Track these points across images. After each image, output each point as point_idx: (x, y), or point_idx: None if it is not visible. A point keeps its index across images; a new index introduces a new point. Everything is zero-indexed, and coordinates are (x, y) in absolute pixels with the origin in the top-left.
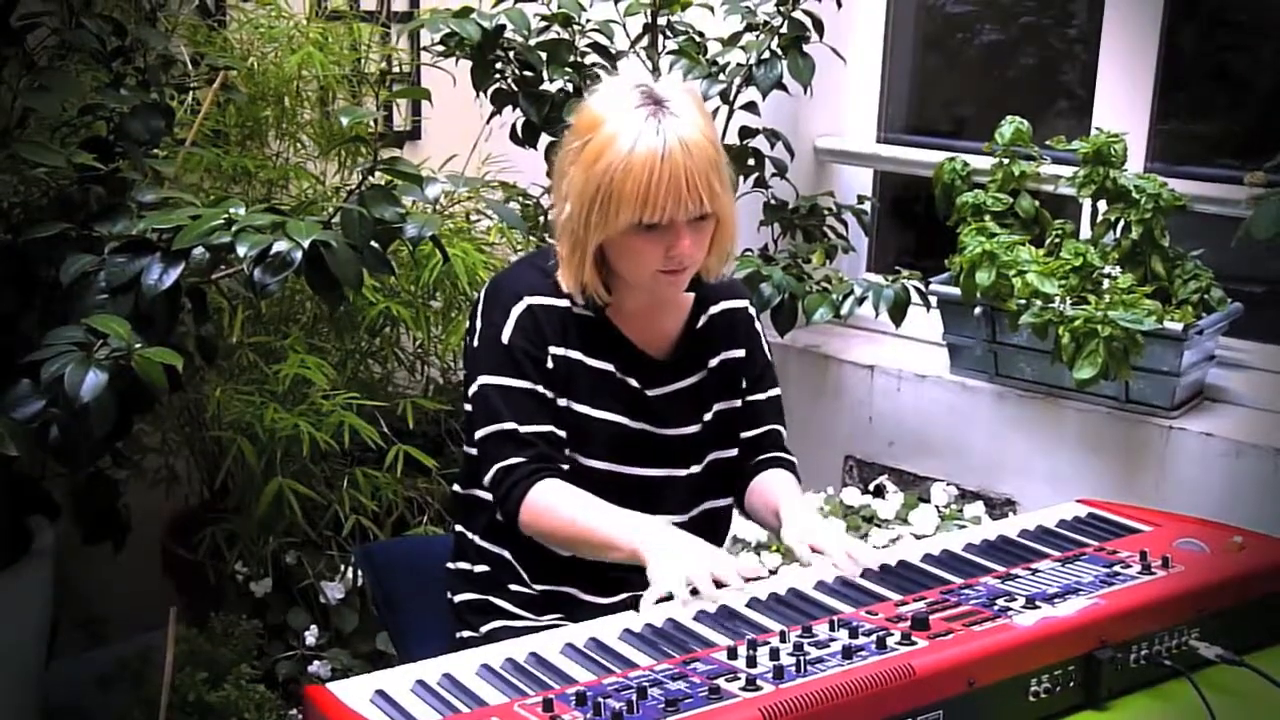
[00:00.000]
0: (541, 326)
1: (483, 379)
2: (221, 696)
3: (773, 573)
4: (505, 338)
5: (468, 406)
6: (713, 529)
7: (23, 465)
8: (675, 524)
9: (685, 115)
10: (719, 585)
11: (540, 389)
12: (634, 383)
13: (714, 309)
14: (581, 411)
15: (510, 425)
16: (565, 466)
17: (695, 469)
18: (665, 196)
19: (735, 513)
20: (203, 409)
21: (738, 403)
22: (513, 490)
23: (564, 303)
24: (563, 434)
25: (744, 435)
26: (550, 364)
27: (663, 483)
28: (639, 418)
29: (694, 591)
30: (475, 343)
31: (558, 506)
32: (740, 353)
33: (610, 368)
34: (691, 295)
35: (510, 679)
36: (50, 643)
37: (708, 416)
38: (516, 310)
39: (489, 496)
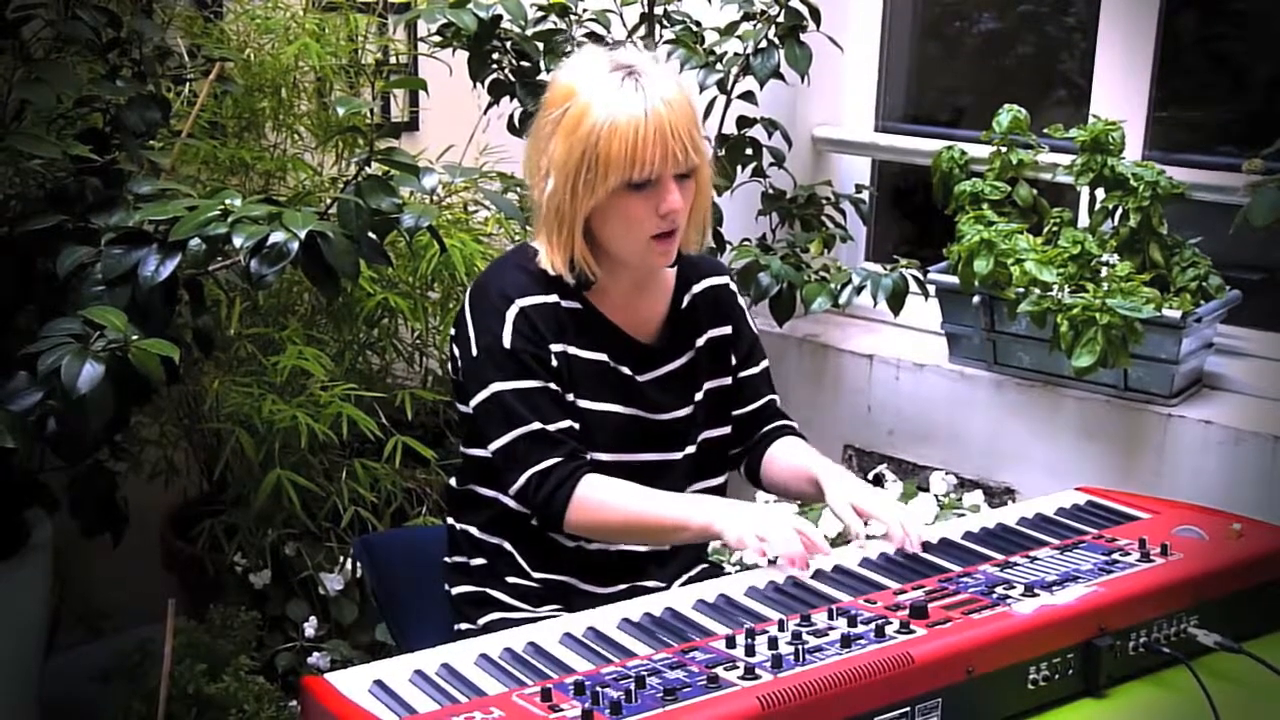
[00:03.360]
0: (538, 326)
1: (495, 386)
2: (221, 688)
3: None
4: (507, 342)
5: (465, 409)
6: None
7: (20, 458)
8: None
9: (658, 75)
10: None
11: (553, 386)
12: (626, 370)
13: (696, 287)
14: (584, 406)
15: (537, 426)
16: (591, 460)
17: (689, 450)
18: (653, 151)
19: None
20: (201, 401)
21: (728, 380)
22: (557, 492)
23: (552, 299)
24: (579, 428)
25: (744, 410)
26: (554, 362)
27: (657, 467)
28: (631, 404)
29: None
30: (475, 352)
31: (612, 499)
32: (727, 329)
33: (604, 358)
34: (674, 274)
35: (509, 669)
36: (49, 636)
37: (698, 396)
38: (510, 313)
39: (488, 493)
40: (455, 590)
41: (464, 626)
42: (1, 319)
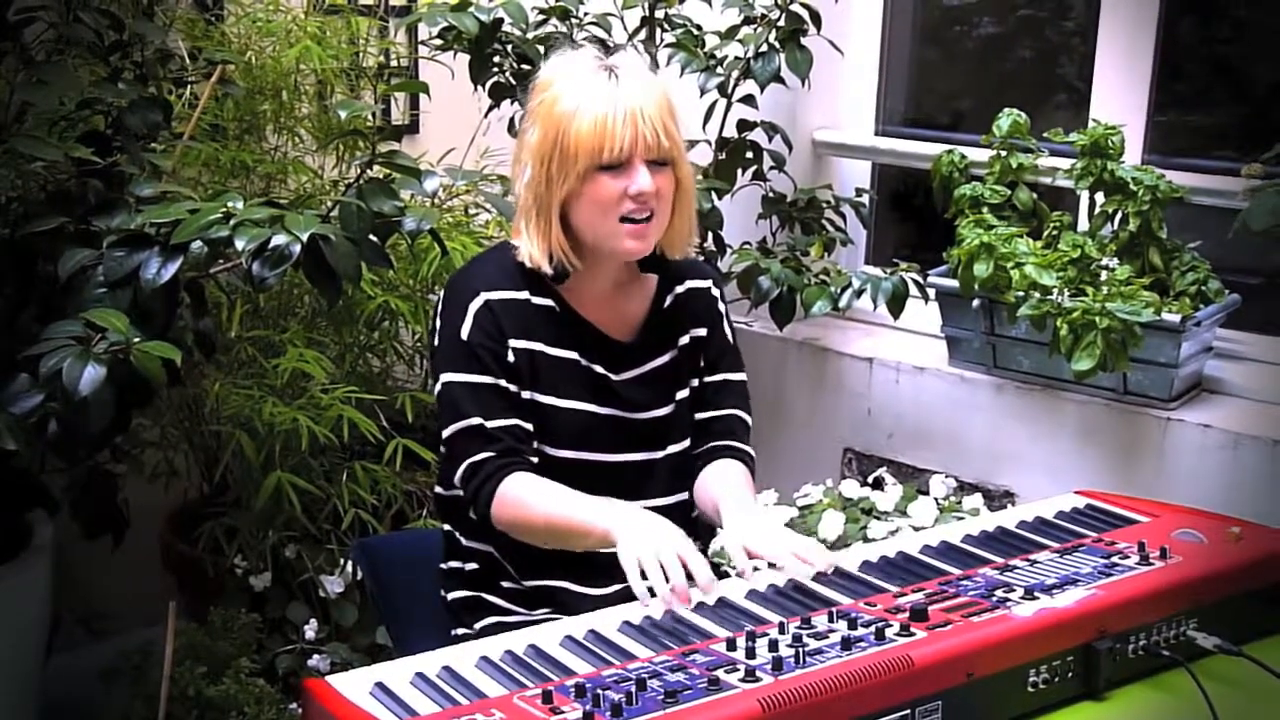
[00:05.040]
0: (500, 321)
1: (446, 377)
2: (221, 690)
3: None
4: (464, 334)
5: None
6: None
7: (22, 460)
8: (658, 508)
9: (636, 70)
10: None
11: (503, 383)
12: (599, 369)
13: (679, 288)
14: (546, 403)
15: (476, 421)
16: (534, 459)
17: (673, 450)
18: (622, 132)
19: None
20: (201, 403)
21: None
22: (483, 486)
23: (522, 295)
24: (529, 427)
25: (698, 417)
26: (511, 357)
27: (640, 468)
28: (607, 404)
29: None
30: (437, 342)
31: (528, 498)
32: (704, 332)
33: (574, 356)
34: (655, 276)
35: (509, 671)
36: (50, 638)
37: (681, 395)
38: (474, 306)
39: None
40: (451, 595)
41: (461, 631)
42: (3, 321)
